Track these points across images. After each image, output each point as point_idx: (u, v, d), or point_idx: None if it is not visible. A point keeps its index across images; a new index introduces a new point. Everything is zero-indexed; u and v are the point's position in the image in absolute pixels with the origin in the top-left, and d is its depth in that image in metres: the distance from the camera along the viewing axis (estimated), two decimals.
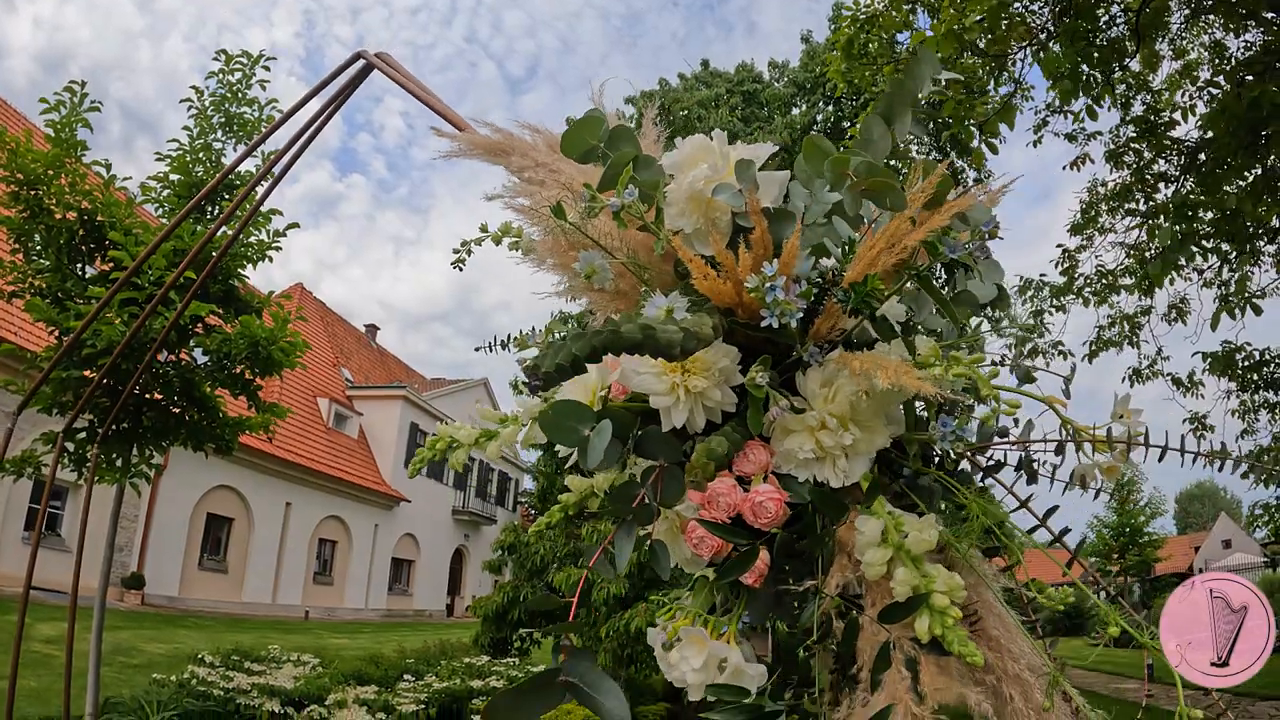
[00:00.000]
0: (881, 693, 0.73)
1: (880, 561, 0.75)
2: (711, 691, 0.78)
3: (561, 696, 0.69)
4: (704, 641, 0.80)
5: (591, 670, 0.69)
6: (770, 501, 0.80)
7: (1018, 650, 0.86)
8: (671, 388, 0.84)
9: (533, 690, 0.68)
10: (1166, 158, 9.15)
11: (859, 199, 0.80)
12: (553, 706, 0.69)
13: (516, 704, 0.68)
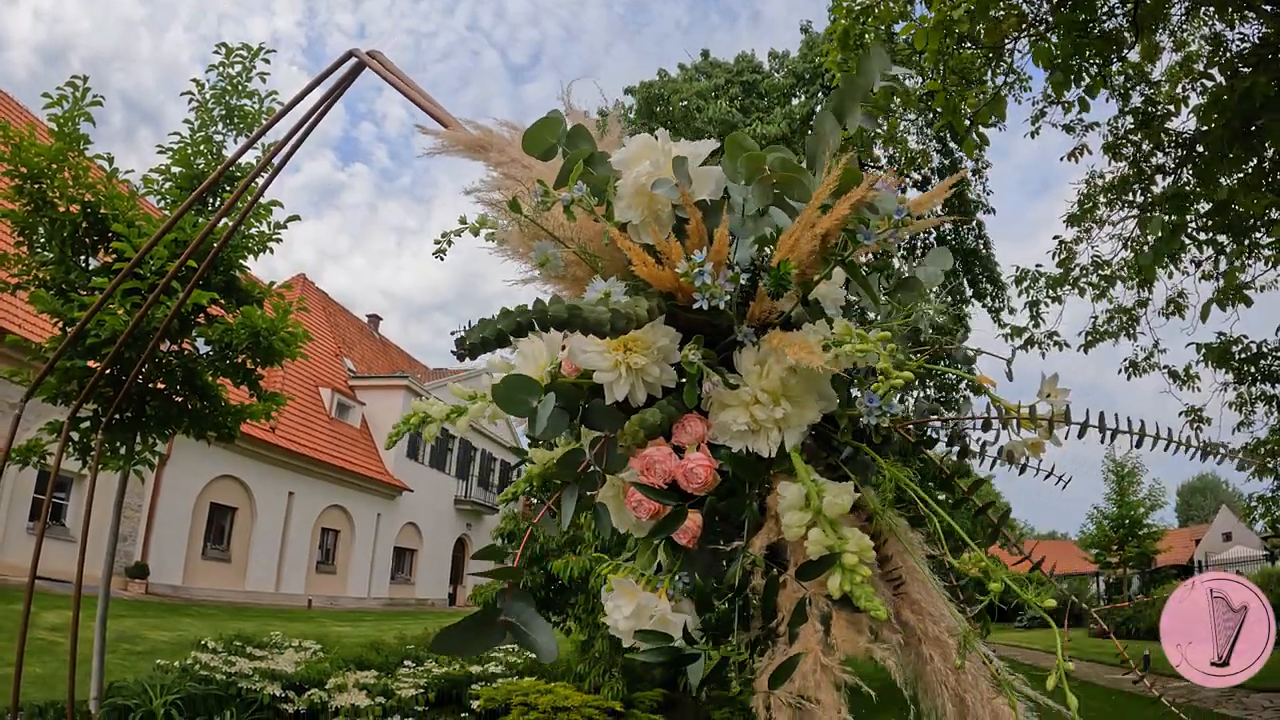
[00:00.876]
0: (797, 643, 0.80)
1: (799, 524, 0.82)
2: (639, 637, 0.85)
3: (501, 635, 0.76)
4: (634, 593, 0.88)
5: (527, 610, 0.76)
6: (700, 468, 0.88)
7: (938, 614, 0.93)
8: (615, 364, 0.91)
9: (475, 626, 0.76)
10: (1165, 150, 9.16)
11: (768, 192, 0.87)
12: (494, 642, 0.76)
13: (461, 637, 0.75)
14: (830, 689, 0.79)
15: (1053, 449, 1.06)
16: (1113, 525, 29.10)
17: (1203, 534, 50.41)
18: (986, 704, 0.91)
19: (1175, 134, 8.94)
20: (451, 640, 0.76)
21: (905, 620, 0.93)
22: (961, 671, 0.89)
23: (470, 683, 9.29)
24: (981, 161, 15.00)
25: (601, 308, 0.82)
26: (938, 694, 0.92)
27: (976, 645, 0.89)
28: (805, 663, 0.80)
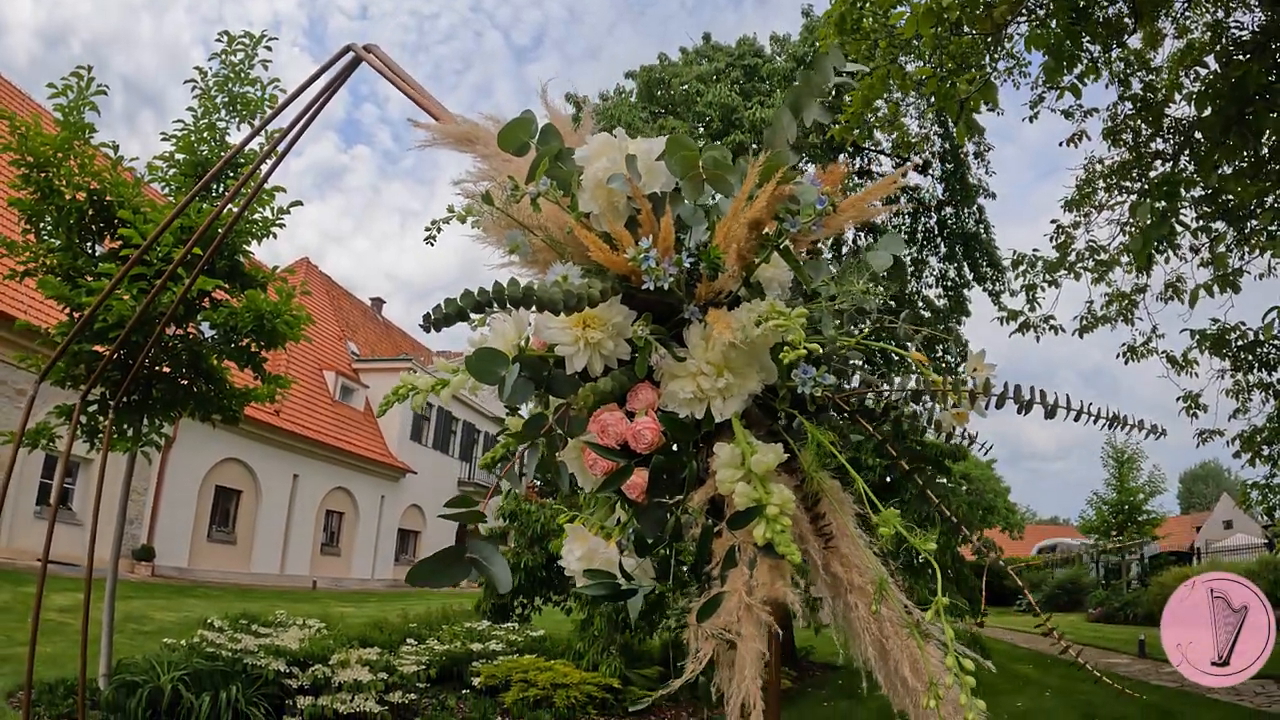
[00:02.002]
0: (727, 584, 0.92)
1: (730, 480, 0.93)
2: (587, 575, 0.97)
3: (467, 569, 0.88)
4: (585, 538, 0.99)
5: (487, 548, 0.88)
6: (647, 430, 0.99)
7: (863, 566, 1.04)
8: (575, 339, 1.02)
9: (445, 561, 0.88)
10: (1164, 136, 9.20)
11: (699, 186, 0.98)
12: (461, 575, 0.88)
13: (433, 570, 0.88)
14: (752, 624, 0.91)
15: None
16: (1112, 511, 29.25)
17: (1203, 521, 50.53)
18: (905, 649, 1.02)
19: (1175, 120, 8.98)
20: (424, 572, 0.88)
21: (834, 572, 1.04)
22: (881, 618, 1.00)
23: (471, 660, 9.44)
24: (983, 145, 15.04)
25: (555, 288, 0.93)
26: (862, 639, 1.04)
27: (893, 594, 1.00)
28: (730, 601, 0.92)
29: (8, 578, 13.57)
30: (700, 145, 0.97)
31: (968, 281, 15.35)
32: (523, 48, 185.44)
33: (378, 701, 7.18)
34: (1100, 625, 23.56)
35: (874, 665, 1.04)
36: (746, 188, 0.96)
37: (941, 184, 15.00)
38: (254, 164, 5.44)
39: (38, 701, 6.35)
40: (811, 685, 11.64)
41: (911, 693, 1.01)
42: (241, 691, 6.60)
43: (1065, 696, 10.94)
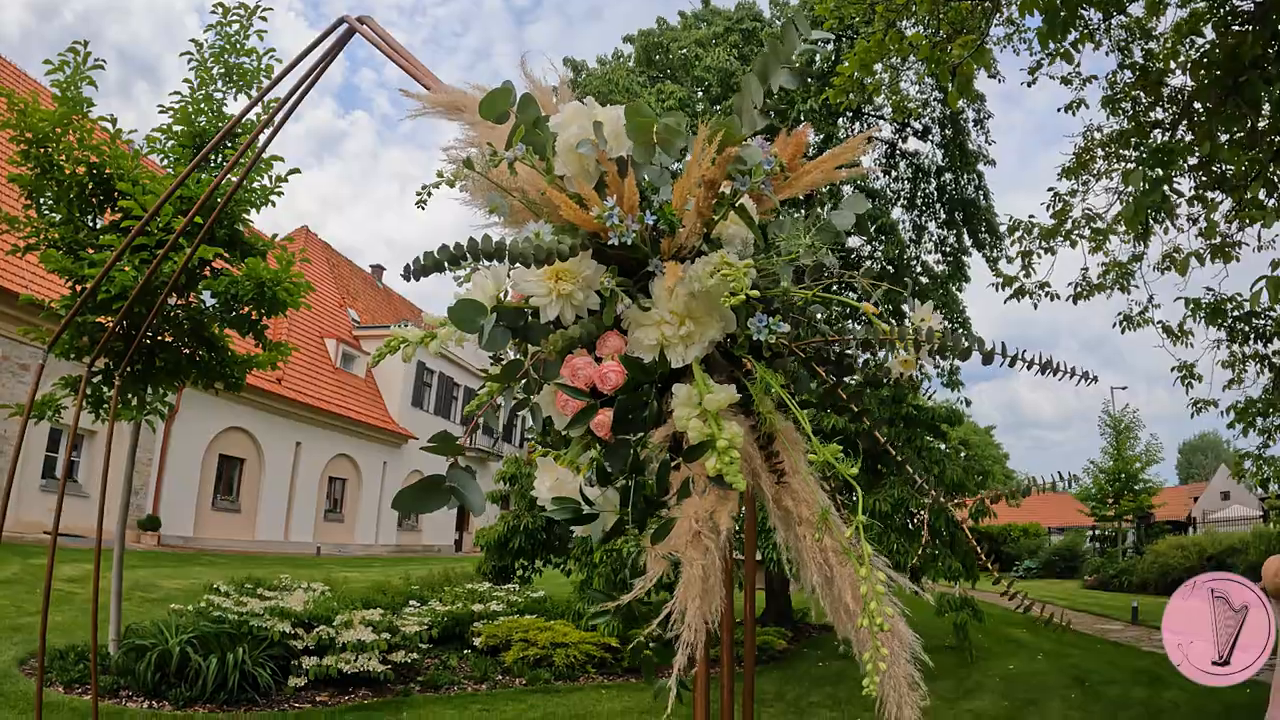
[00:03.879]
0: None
1: (686, 417, 1.03)
2: (554, 502, 1.07)
3: (446, 497, 0.98)
4: (553, 469, 1.10)
5: (465, 477, 0.98)
6: (612, 373, 1.09)
7: (813, 501, 1.14)
8: (548, 290, 1.12)
9: (426, 488, 0.98)
10: (1164, 106, 9.19)
11: (650, 150, 1.07)
12: (441, 502, 0.98)
13: (416, 497, 0.98)
14: (698, 548, 1.01)
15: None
16: (1109, 479, 29.43)
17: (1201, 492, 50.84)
18: (849, 577, 1.12)
19: (1174, 90, 8.96)
20: (407, 499, 0.98)
21: (786, 506, 1.14)
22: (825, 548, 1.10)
23: (473, 620, 9.63)
24: (983, 112, 15.01)
25: (527, 244, 1.02)
26: (810, 567, 1.14)
27: (835, 524, 1.10)
28: (681, 525, 1.02)
29: (15, 550, 13.76)
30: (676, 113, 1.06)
31: (966, 248, 15.39)
32: (522, 9, 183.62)
33: (381, 661, 7.35)
34: (1096, 592, 23.85)
35: (820, 593, 1.15)
36: (698, 149, 1.05)
37: (941, 150, 15.00)
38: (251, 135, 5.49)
39: (49, 668, 6.50)
40: (807, 646, 11.86)
41: (853, 617, 1.11)
42: (248, 653, 6.75)
43: (1057, 660, 11.15)
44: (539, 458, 1.14)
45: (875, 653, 0.94)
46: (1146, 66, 8.95)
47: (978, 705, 8.03)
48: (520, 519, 10.92)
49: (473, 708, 7.03)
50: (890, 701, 1.05)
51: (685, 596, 1.00)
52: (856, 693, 5.48)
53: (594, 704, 7.48)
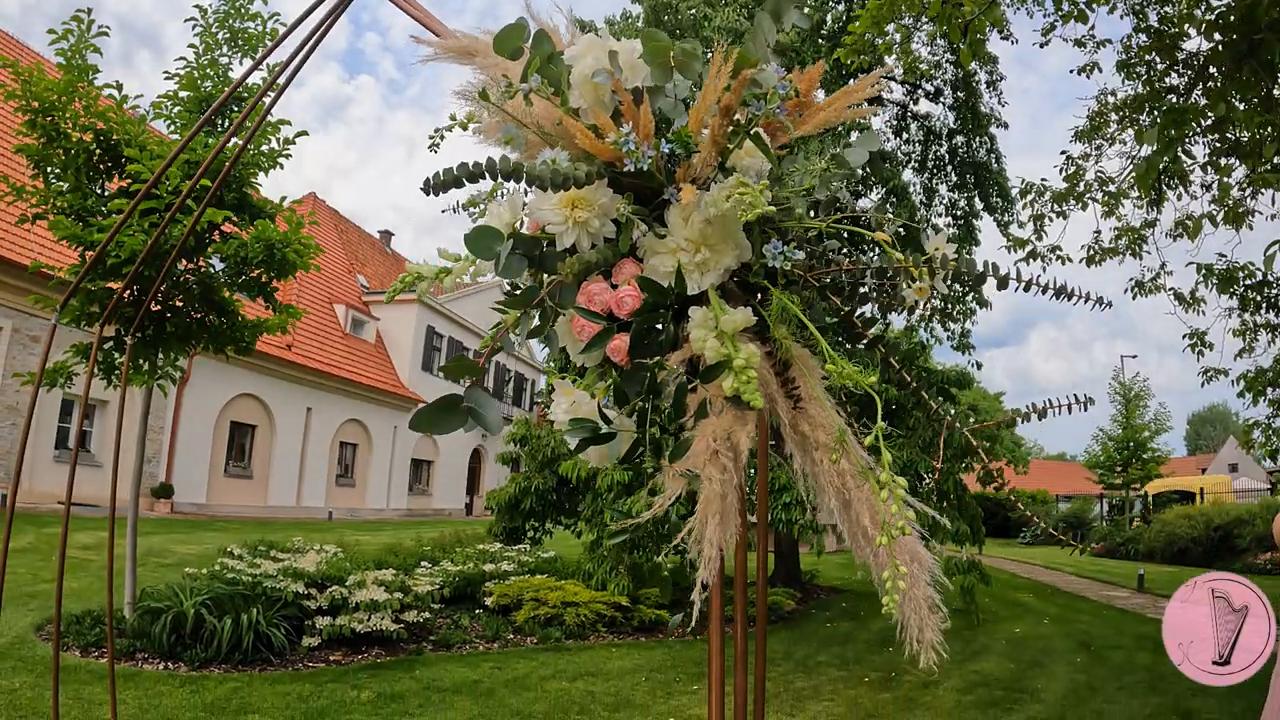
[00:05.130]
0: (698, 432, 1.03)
1: (701, 339, 1.03)
2: (571, 424, 1.08)
3: (464, 418, 0.99)
4: (570, 391, 1.11)
5: (482, 396, 0.99)
6: (628, 297, 1.09)
7: (829, 426, 1.15)
8: (564, 218, 1.13)
9: (444, 407, 0.99)
10: (1179, 71, 9.06)
11: (667, 72, 1.08)
12: (458, 423, 0.99)
13: (434, 417, 0.99)
14: (716, 466, 1.02)
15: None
16: (1117, 447, 29.43)
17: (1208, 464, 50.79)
18: (866, 501, 1.13)
19: (1189, 55, 8.83)
20: (424, 419, 1.00)
21: (802, 431, 1.15)
22: (843, 471, 1.11)
23: (484, 580, 9.74)
24: (995, 74, 14.85)
25: (544, 167, 1.03)
26: (827, 492, 1.15)
27: (853, 447, 1.11)
28: (698, 444, 1.03)
29: (30, 520, 13.93)
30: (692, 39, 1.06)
31: (977, 211, 15.30)
32: None
33: (393, 620, 7.45)
34: (1102, 559, 23.93)
35: (839, 519, 1.16)
36: (714, 72, 1.05)
37: (953, 112, 14.86)
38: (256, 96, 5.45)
39: (66, 633, 6.58)
40: (816, 607, 11.97)
41: (871, 541, 1.12)
42: (262, 613, 6.83)
43: (1062, 624, 11.22)
44: (556, 381, 1.15)
45: (895, 571, 0.94)
46: (1161, 30, 8.81)
47: (984, 667, 8.10)
48: (531, 480, 10.99)
49: (484, 666, 7.13)
50: (911, 624, 1.06)
51: (705, 514, 1.01)
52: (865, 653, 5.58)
53: (604, 662, 7.57)
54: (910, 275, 1.20)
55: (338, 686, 6.14)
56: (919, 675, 7.59)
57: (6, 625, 6.69)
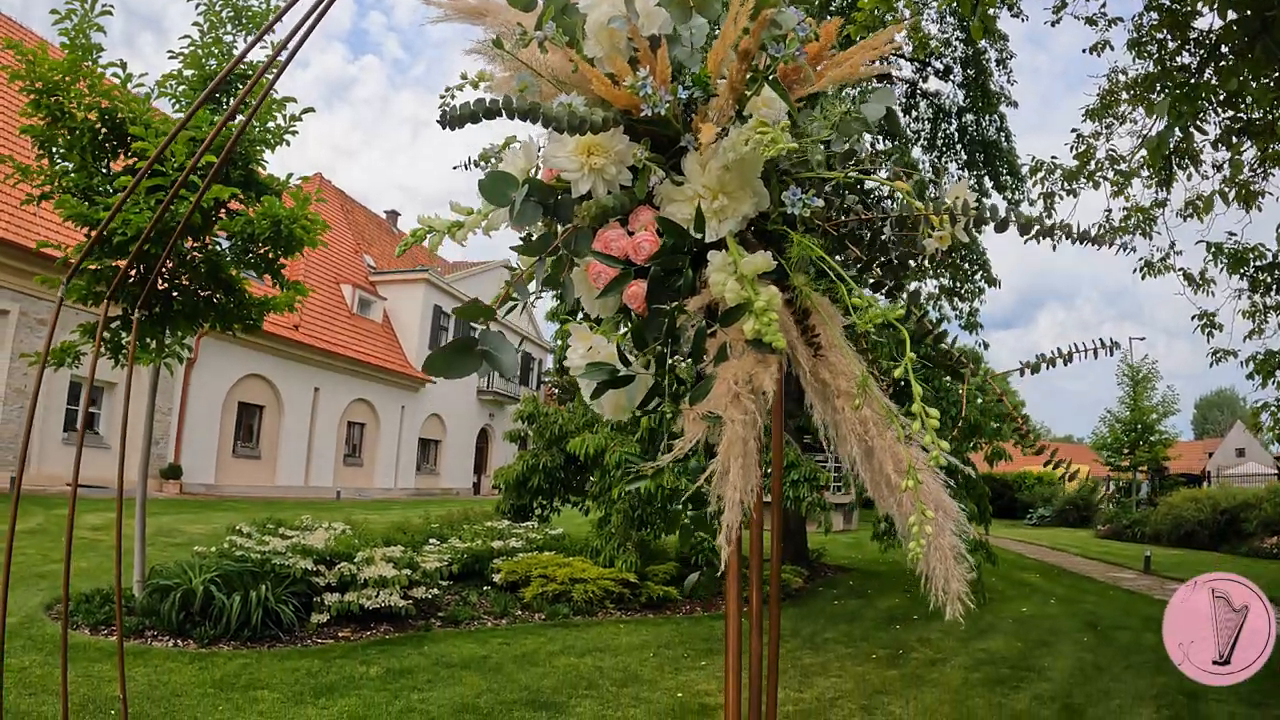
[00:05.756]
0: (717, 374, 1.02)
1: (721, 282, 1.02)
2: (588, 368, 1.07)
3: (478, 361, 0.97)
4: (588, 336, 1.09)
5: (497, 338, 0.97)
6: (646, 242, 1.08)
7: (850, 373, 1.14)
8: (579, 165, 1.11)
9: (458, 350, 0.97)
10: (1190, 50, 8.96)
11: (686, 11, 1.06)
12: (473, 367, 0.97)
13: (448, 360, 0.97)
14: (739, 408, 1.01)
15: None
16: (1125, 429, 29.34)
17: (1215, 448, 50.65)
18: (890, 448, 1.12)
19: (1201, 33, 8.72)
20: (439, 362, 0.98)
21: (823, 378, 1.14)
22: (865, 418, 1.10)
23: (492, 557, 9.75)
24: (1005, 52, 14.71)
25: (560, 108, 1.01)
26: (849, 440, 1.13)
27: (875, 393, 1.09)
28: (719, 387, 1.02)
29: (39, 502, 14.01)
30: None
31: (987, 190, 15.20)
32: None
33: (402, 597, 7.48)
34: (1108, 541, 23.91)
35: (860, 469, 1.14)
36: (731, 16, 1.03)
37: (962, 90, 14.74)
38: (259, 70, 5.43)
39: (76, 611, 6.60)
40: (823, 585, 12.00)
41: (894, 491, 1.11)
42: (270, 590, 6.84)
43: (1069, 604, 11.22)
44: (572, 326, 1.13)
45: (921, 516, 0.92)
46: (1173, 7, 8.71)
47: (991, 645, 8.11)
48: (539, 458, 11.00)
49: (493, 642, 7.15)
50: (937, 574, 1.04)
51: (727, 456, 1.00)
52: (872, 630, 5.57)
53: (612, 638, 7.60)
54: (930, 224, 1.18)
55: (346, 662, 6.16)
56: (926, 653, 7.61)
57: (17, 605, 6.73)
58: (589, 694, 5.78)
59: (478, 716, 5.13)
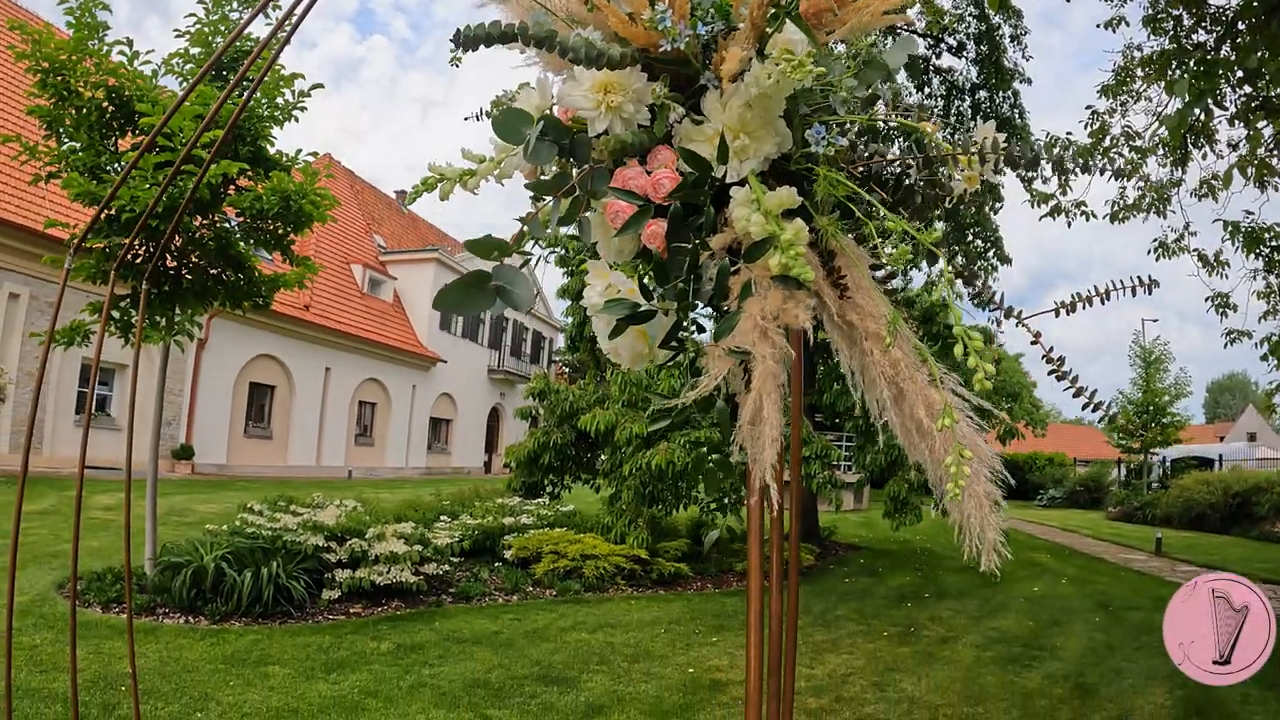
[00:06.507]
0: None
1: (744, 217, 0.98)
2: (607, 305, 1.03)
3: (492, 298, 0.94)
4: (606, 273, 1.05)
5: (513, 273, 0.94)
6: (665, 179, 1.04)
7: (878, 314, 1.10)
8: (596, 103, 1.07)
9: (472, 284, 0.93)
10: (1206, 27, 8.83)
11: None
12: (487, 303, 0.94)
13: (461, 294, 0.93)
14: (766, 343, 0.97)
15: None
16: (1137, 411, 29.18)
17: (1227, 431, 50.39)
18: (920, 392, 1.08)
19: (1218, 9, 8.59)
20: (450, 296, 0.94)
21: (850, 320, 1.10)
22: (895, 360, 1.06)
23: (503, 534, 9.77)
24: (1020, 28, 14.53)
25: (578, 39, 0.97)
26: (878, 385, 1.10)
27: (906, 333, 1.06)
28: (745, 323, 0.98)
29: (52, 484, 14.09)
30: None
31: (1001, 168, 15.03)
32: None
33: (413, 573, 7.49)
34: (1119, 524, 23.84)
35: (889, 413, 1.10)
36: None
37: (976, 67, 14.57)
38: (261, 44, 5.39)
39: (87, 590, 6.63)
40: (834, 563, 12.00)
41: (926, 436, 1.07)
42: (282, 567, 6.85)
43: (1080, 585, 11.19)
44: (591, 263, 1.10)
45: (959, 456, 0.89)
46: None
47: (1002, 624, 8.09)
48: (550, 435, 11.00)
49: (504, 617, 7.17)
50: (972, 521, 1.01)
51: (760, 392, 0.96)
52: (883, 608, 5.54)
53: (623, 614, 7.61)
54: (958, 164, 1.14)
55: (358, 638, 6.18)
56: (937, 631, 7.60)
57: (28, 584, 6.77)
58: (600, 669, 5.79)
59: (489, 691, 5.14)
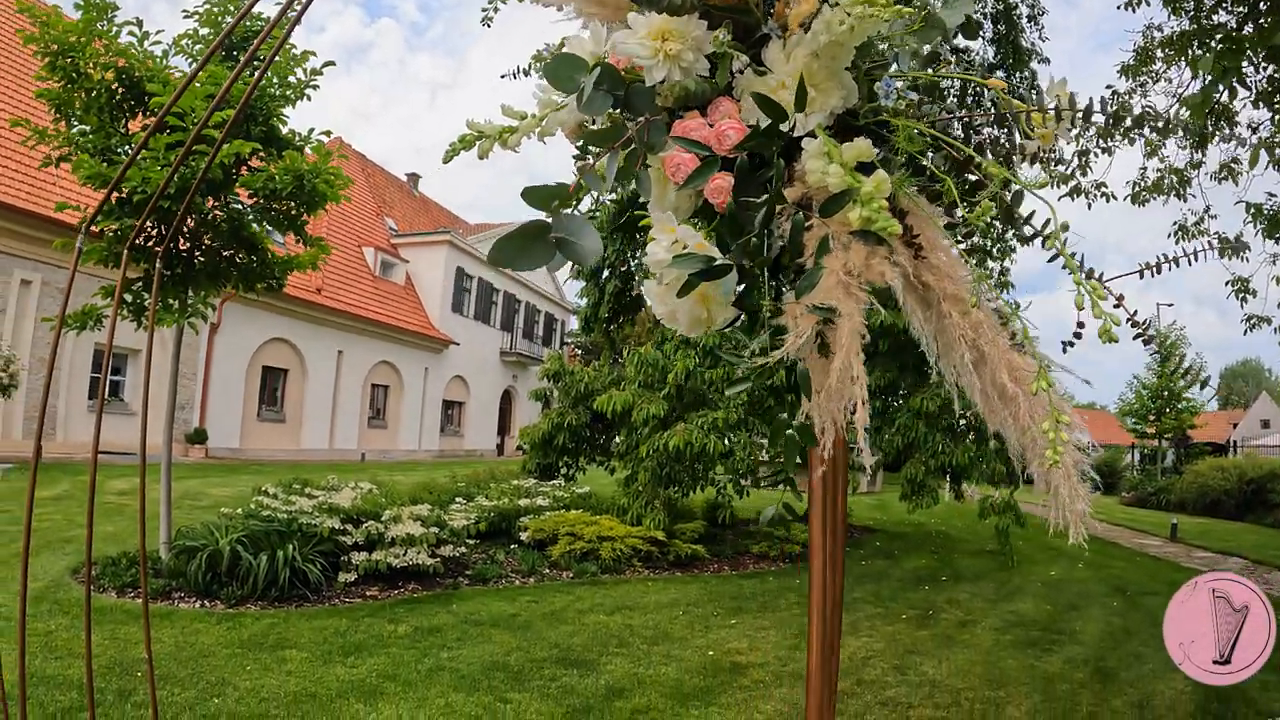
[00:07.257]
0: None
1: (819, 169, 0.92)
2: (676, 260, 0.97)
3: (551, 251, 0.87)
4: (671, 226, 1.00)
5: (575, 221, 0.87)
6: (731, 130, 0.98)
7: (956, 275, 1.04)
8: (654, 52, 1.00)
9: (530, 235, 0.87)
10: (1227, 7, 8.67)
11: None
12: (545, 258, 0.88)
13: (517, 249, 0.87)
14: (849, 300, 0.92)
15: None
16: (1151, 396, 29.07)
17: (1240, 419, 50.16)
18: (1003, 355, 1.02)
19: None
20: (506, 249, 0.87)
21: (926, 282, 1.04)
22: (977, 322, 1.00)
23: (519, 515, 9.75)
24: (1037, 8, 14.31)
25: None
26: (957, 349, 1.04)
27: (987, 283, 1.00)
28: (828, 279, 0.93)
29: (66, 470, 14.14)
30: None
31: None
32: None
33: (429, 555, 7.46)
34: (1133, 509, 23.74)
35: (968, 379, 1.04)
36: None
37: (993, 46, 14.38)
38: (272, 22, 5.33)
39: (102, 575, 6.63)
40: (850, 545, 11.97)
41: (1010, 402, 1.02)
42: (298, 550, 6.82)
43: (1097, 569, 11.14)
44: (656, 215, 1.03)
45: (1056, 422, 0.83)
46: None
47: (1020, 607, 8.05)
48: (564, 416, 10.96)
49: (521, 600, 7.15)
50: (1062, 491, 0.96)
51: (849, 352, 0.91)
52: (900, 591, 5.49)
53: (640, 596, 7.58)
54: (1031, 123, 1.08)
55: (375, 621, 6.16)
56: (956, 614, 7.55)
57: (43, 570, 6.77)
58: (620, 651, 5.76)
59: (508, 674, 5.11)
